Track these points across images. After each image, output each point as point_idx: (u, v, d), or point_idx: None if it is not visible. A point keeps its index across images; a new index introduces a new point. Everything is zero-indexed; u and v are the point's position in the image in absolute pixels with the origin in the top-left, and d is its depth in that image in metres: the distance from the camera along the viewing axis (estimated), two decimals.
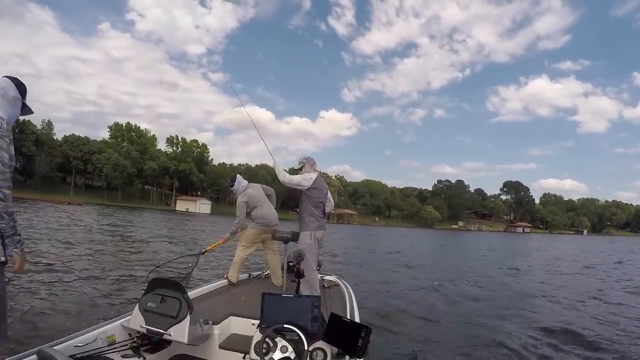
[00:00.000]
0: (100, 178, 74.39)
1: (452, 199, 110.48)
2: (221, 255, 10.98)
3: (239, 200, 4.81)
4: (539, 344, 5.38)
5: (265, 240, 4.96)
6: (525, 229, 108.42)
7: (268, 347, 2.21)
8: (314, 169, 4.11)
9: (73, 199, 57.16)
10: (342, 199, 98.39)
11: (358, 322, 2.33)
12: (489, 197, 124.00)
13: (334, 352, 2.28)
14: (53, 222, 19.90)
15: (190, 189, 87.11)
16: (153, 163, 76.53)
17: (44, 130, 71.95)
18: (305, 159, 4.13)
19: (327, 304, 3.73)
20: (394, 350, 4.74)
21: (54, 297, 5.78)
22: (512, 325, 6.35)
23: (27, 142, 64.23)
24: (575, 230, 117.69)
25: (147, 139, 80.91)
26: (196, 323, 2.51)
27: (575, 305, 8.43)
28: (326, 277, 5.07)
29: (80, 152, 72.83)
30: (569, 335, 5.88)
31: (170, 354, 2.75)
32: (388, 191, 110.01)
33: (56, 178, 72.06)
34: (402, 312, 6.78)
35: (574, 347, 5.36)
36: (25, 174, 68.56)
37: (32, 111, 2.20)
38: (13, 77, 2.10)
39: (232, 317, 3.17)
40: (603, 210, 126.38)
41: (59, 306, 5.39)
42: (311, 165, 4.11)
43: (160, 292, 2.56)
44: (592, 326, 6.53)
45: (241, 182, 4.91)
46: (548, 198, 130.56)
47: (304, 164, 4.10)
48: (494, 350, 4.97)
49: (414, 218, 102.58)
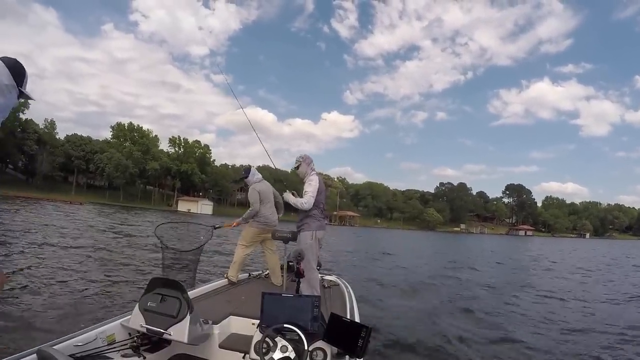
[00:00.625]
0: (102, 178, 74.45)
1: (454, 201, 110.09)
2: (221, 256, 10.94)
3: (251, 190, 4.91)
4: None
5: (265, 240, 5.00)
6: (527, 232, 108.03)
7: (268, 347, 2.20)
8: (311, 168, 4.03)
9: (75, 199, 57.25)
10: (344, 200, 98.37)
11: (358, 322, 2.33)
12: (491, 200, 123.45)
13: (334, 352, 2.28)
14: (52, 220, 19.88)
15: (192, 190, 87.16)
16: (155, 163, 76.54)
17: (46, 129, 72.13)
18: (301, 158, 4.03)
19: (327, 304, 3.72)
20: (394, 350, 4.75)
21: (53, 297, 5.74)
22: (512, 325, 6.34)
23: (29, 141, 64.45)
24: (578, 233, 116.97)
25: (150, 139, 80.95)
26: (196, 323, 2.51)
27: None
28: (326, 277, 5.09)
29: (83, 152, 72.93)
30: None
31: (170, 353, 2.75)
32: (390, 193, 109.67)
33: (58, 177, 72.17)
34: (403, 312, 6.79)
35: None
36: (27, 173, 68.78)
37: (32, 97, 1.84)
38: (7, 59, 1.70)
39: (232, 317, 3.17)
40: (605, 214, 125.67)
41: (58, 306, 5.35)
42: (307, 164, 4.02)
43: (160, 291, 2.56)
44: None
45: (255, 174, 5.02)
46: (550, 201, 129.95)
47: (300, 163, 4.01)
48: (495, 349, 5.00)
49: (415, 220, 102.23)
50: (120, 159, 70.58)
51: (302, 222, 3.93)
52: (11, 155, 64.63)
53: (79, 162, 72.43)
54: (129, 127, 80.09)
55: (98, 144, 76.10)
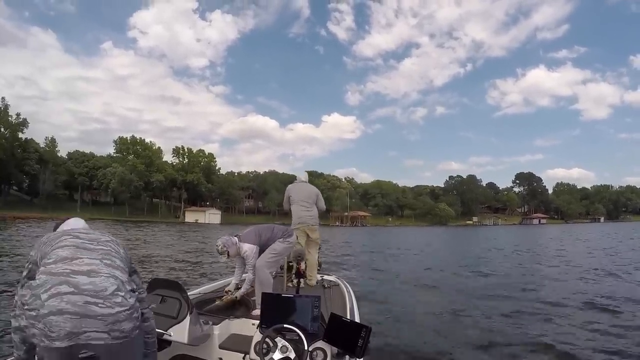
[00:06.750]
0: (107, 193, 72.97)
1: (465, 194, 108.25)
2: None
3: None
4: None
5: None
6: (540, 220, 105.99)
7: (268, 347, 2.20)
8: (234, 242, 3.68)
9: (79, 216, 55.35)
10: (353, 201, 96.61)
11: (358, 322, 2.34)
12: (501, 191, 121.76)
13: (334, 352, 2.27)
14: None
15: (199, 200, 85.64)
16: (160, 175, 75.01)
17: (47, 147, 70.58)
18: (224, 247, 3.61)
19: (327, 304, 3.61)
20: (394, 350, 4.69)
21: None
22: (515, 324, 5.99)
23: (30, 160, 63.11)
24: (592, 218, 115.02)
25: (153, 151, 79.46)
26: (196, 323, 2.51)
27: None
28: (326, 277, 5.19)
29: (86, 168, 71.70)
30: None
31: (170, 354, 2.75)
32: (399, 191, 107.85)
33: (62, 195, 70.77)
34: (403, 312, 6.68)
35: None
36: (31, 193, 67.45)
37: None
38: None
39: (232, 317, 3.08)
40: (618, 197, 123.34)
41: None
42: (232, 244, 3.66)
43: (161, 292, 2.57)
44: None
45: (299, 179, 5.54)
46: (561, 187, 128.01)
47: (227, 250, 3.62)
48: (497, 350, 4.80)
49: (427, 216, 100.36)
50: (125, 173, 69.00)
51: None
52: (13, 176, 63.24)
53: (83, 178, 71.01)
54: (132, 140, 78.56)
55: (101, 159, 74.84)
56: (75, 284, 1.50)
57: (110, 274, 1.61)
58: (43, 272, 1.55)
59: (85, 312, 1.47)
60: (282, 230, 3.90)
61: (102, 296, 1.52)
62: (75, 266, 1.56)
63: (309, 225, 5.16)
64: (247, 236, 3.73)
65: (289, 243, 3.86)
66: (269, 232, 3.82)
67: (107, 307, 1.51)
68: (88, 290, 1.51)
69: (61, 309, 1.44)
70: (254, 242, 3.70)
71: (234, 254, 3.69)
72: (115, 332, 1.51)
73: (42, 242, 1.73)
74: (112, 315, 1.51)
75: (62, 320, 1.43)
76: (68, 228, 1.94)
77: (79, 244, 1.68)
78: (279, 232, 3.85)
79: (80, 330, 1.45)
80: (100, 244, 1.73)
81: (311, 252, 5.18)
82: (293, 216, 5.21)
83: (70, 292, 1.48)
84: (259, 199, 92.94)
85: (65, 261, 1.57)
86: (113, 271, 1.63)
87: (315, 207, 5.29)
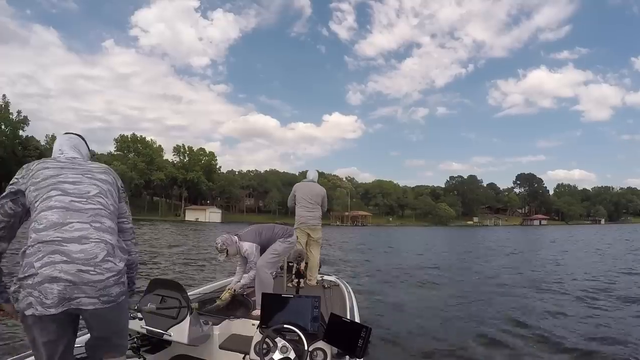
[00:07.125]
0: None
1: (466, 195, 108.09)
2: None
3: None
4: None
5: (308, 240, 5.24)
6: (541, 221, 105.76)
7: (268, 348, 2.21)
8: (235, 241, 3.70)
9: None
10: (353, 200, 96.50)
11: (358, 322, 2.33)
12: (502, 191, 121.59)
13: (334, 353, 2.27)
14: None
15: (199, 199, 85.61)
16: (160, 173, 74.95)
17: (48, 145, 70.55)
18: (223, 245, 3.63)
19: (327, 304, 3.61)
20: (394, 350, 4.67)
21: None
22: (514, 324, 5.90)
23: (31, 158, 62.98)
24: (592, 219, 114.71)
25: (153, 149, 79.31)
26: (196, 323, 2.51)
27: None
28: (326, 277, 5.16)
29: None
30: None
31: (170, 354, 2.75)
32: (400, 190, 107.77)
33: None
34: (403, 313, 6.62)
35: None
36: None
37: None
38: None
39: (232, 318, 3.07)
40: (619, 198, 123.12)
41: None
42: (232, 243, 3.68)
43: (160, 292, 2.56)
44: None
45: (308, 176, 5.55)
46: (562, 189, 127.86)
47: (226, 249, 3.63)
48: (496, 350, 4.78)
49: (428, 216, 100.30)
50: (125, 171, 68.96)
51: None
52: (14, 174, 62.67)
53: None
54: (132, 138, 78.46)
55: (102, 157, 74.72)
56: (67, 253, 1.56)
57: (100, 238, 1.65)
58: (35, 240, 1.58)
59: (78, 280, 1.54)
60: (282, 230, 3.87)
61: (93, 263, 1.58)
62: (67, 233, 1.59)
63: (310, 226, 5.15)
64: (247, 235, 3.73)
65: (289, 243, 3.84)
66: (269, 231, 3.81)
67: (98, 274, 1.58)
68: (80, 258, 1.56)
69: (55, 277, 1.52)
70: (254, 241, 3.70)
71: (233, 253, 3.69)
72: (104, 297, 1.60)
73: (31, 174, 1.77)
74: (102, 282, 1.59)
75: (56, 288, 1.52)
76: (58, 155, 1.91)
77: (68, 203, 1.67)
78: (280, 232, 3.83)
79: (73, 296, 1.54)
80: (90, 202, 1.72)
81: (313, 252, 5.14)
82: (296, 215, 5.23)
83: (62, 261, 1.54)
84: (259, 197, 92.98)
85: (56, 227, 1.59)
86: (102, 235, 1.67)
87: (319, 208, 5.29)
